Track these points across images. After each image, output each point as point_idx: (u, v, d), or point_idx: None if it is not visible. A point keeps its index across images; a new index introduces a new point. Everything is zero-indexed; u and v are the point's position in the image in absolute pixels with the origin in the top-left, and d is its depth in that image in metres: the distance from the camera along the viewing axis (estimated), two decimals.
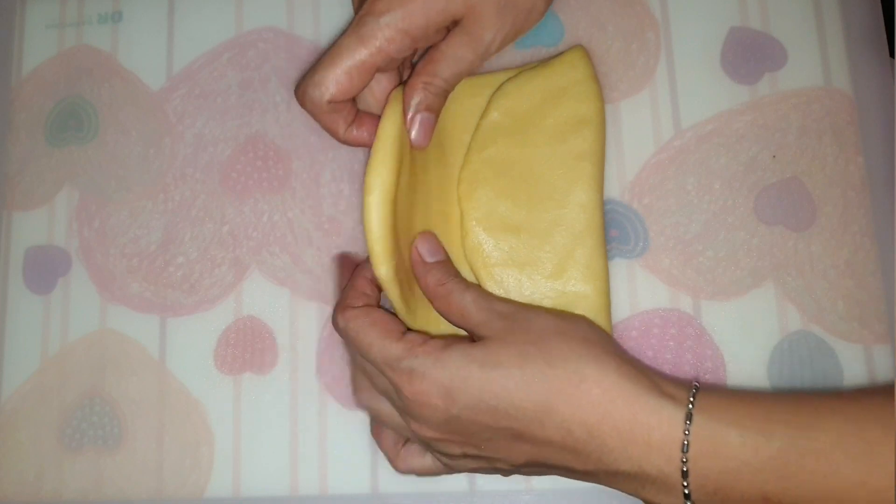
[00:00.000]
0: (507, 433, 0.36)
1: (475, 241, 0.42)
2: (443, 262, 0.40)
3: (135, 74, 0.49)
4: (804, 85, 0.45)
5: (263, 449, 0.44)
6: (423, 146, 0.40)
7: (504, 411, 0.35)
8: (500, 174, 0.43)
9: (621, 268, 0.44)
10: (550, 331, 0.37)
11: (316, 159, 0.47)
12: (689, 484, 0.34)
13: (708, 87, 0.46)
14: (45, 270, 0.47)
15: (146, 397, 0.45)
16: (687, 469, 0.34)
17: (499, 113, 0.44)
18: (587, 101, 0.43)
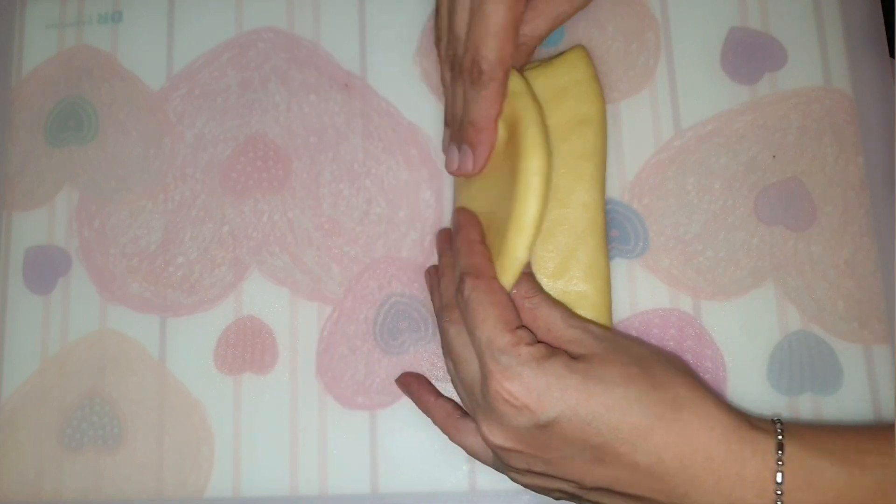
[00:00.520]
0: (591, 453, 0.34)
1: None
2: (529, 275, 0.40)
3: (135, 74, 0.49)
4: (804, 85, 0.45)
5: (263, 449, 0.44)
6: None
7: (596, 429, 0.34)
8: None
9: (621, 268, 0.44)
10: (652, 357, 0.36)
11: (316, 159, 0.47)
12: (782, 493, 0.33)
13: (708, 87, 0.46)
14: (45, 270, 0.47)
15: (146, 397, 0.45)
16: (781, 503, 0.33)
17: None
18: (589, 100, 0.43)
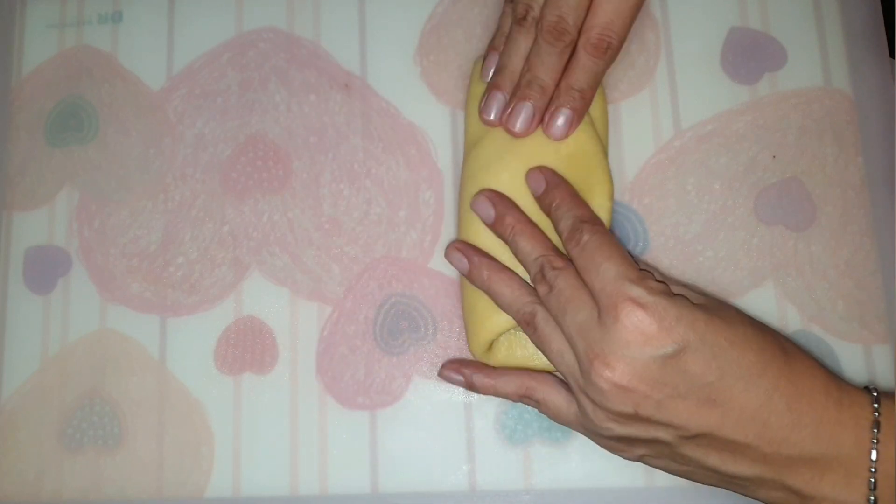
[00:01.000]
0: (706, 391, 0.35)
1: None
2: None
3: (135, 74, 0.49)
4: (804, 85, 0.45)
5: (263, 449, 0.44)
6: None
7: (717, 364, 0.34)
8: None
9: None
10: (748, 316, 0.38)
11: (316, 159, 0.47)
12: (876, 471, 0.34)
13: (708, 87, 0.46)
14: (45, 270, 0.47)
15: (146, 397, 0.45)
16: (877, 450, 0.34)
17: None
18: None
